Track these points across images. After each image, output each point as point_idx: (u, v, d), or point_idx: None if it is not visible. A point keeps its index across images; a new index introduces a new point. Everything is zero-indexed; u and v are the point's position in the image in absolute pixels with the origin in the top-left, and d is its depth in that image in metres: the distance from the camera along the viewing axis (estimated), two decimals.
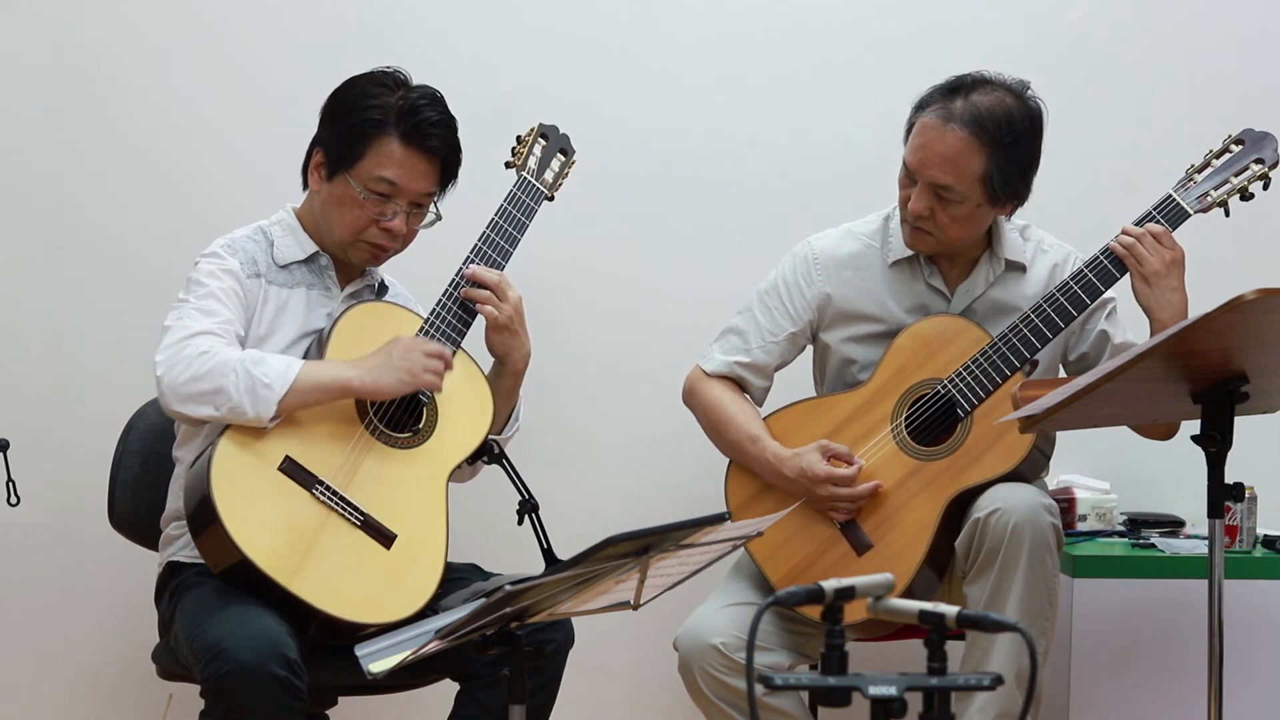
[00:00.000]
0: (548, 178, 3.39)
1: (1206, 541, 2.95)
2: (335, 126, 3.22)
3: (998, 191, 3.33)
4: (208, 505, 2.97)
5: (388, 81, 3.23)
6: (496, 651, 2.60)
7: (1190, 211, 3.34)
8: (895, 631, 3.40)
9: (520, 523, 3.09)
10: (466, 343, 3.24)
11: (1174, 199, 3.35)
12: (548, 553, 3.05)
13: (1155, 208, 3.35)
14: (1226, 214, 3.37)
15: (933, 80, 3.40)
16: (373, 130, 3.18)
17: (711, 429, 3.54)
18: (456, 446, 3.18)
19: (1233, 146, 3.39)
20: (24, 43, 3.97)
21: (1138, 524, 3.86)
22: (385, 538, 3.08)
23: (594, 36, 4.07)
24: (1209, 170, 3.38)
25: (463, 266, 3.25)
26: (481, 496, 3.38)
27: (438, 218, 3.28)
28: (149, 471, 3.40)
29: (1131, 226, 3.33)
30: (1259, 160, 3.37)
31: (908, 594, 3.26)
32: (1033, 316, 3.34)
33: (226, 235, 3.26)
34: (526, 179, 3.34)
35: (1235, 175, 3.37)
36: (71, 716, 3.99)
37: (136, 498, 3.42)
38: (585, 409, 4.06)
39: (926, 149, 3.32)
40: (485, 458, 3.21)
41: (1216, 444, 2.85)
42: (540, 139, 3.40)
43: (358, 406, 3.14)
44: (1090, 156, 4.05)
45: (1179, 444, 3.19)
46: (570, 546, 2.58)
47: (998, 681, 1.96)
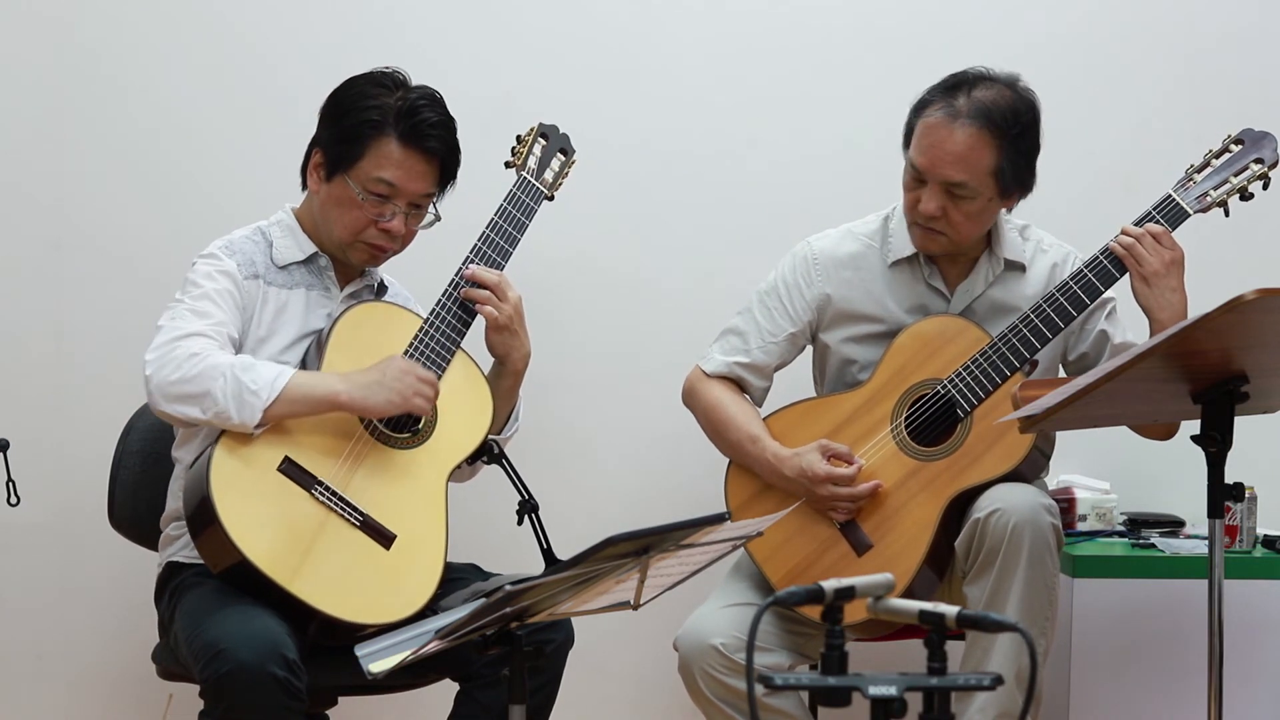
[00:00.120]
0: (547, 177, 3.38)
1: (1206, 541, 2.95)
2: (334, 127, 3.22)
3: (1008, 183, 3.35)
4: (207, 506, 2.97)
5: (387, 82, 3.22)
6: (496, 651, 2.60)
7: (1190, 211, 3.34)
8: (895, 631, 3.40)
9: (520, 523, 3.08)
10: (466, 343, 3.24)
11: (1173, 199, 3.35)
12: (547, 553, 3.04)
13: (1155, 207, 3.35)
14: (1226, 214, 3.37)
15: (933, 80, 3.40)
16: (371, 131, 3.18)
17: (711, 429, 3.54)
18: (456, 447, 3.18)
19: (1232, 146, 3.39)
20: (24, 43, 3.97)
21: (1138, 524, 3.86)
22: (385, 538, 3.08)
23: (594, 36, 4.07)
24: (1208, 170, 3.37)
25: (462, 266, 3.25)
26: (481, 496, 3.38)
27: (436, 218, 3.28)
28: (149, 471, 3.40)
29: (1131, 226, 3.33)
30: (1259, 160, 3.37)
31: (908, 594, 3.26)
32: (1032, 317, 3.33)
33: (225, 236, 3.26)
34: (526, 179, 3.34)
35: (1235, 175, 3.37)
36: (71, 716, 3.99)
37: (136, 498, 3.42)
38: (585, 409, 4.06)
39: (937, 148, 3.32)
40: (485, 458, 3.21)
41: (1216, 444, 2.85)
42: (540, 139, 3.40)
43: None
44: (1090, 156, 4.05)
45: (1179, 444, 3.19)
46: (570, 546, 2.58)
47: (998, 681, 1.96)
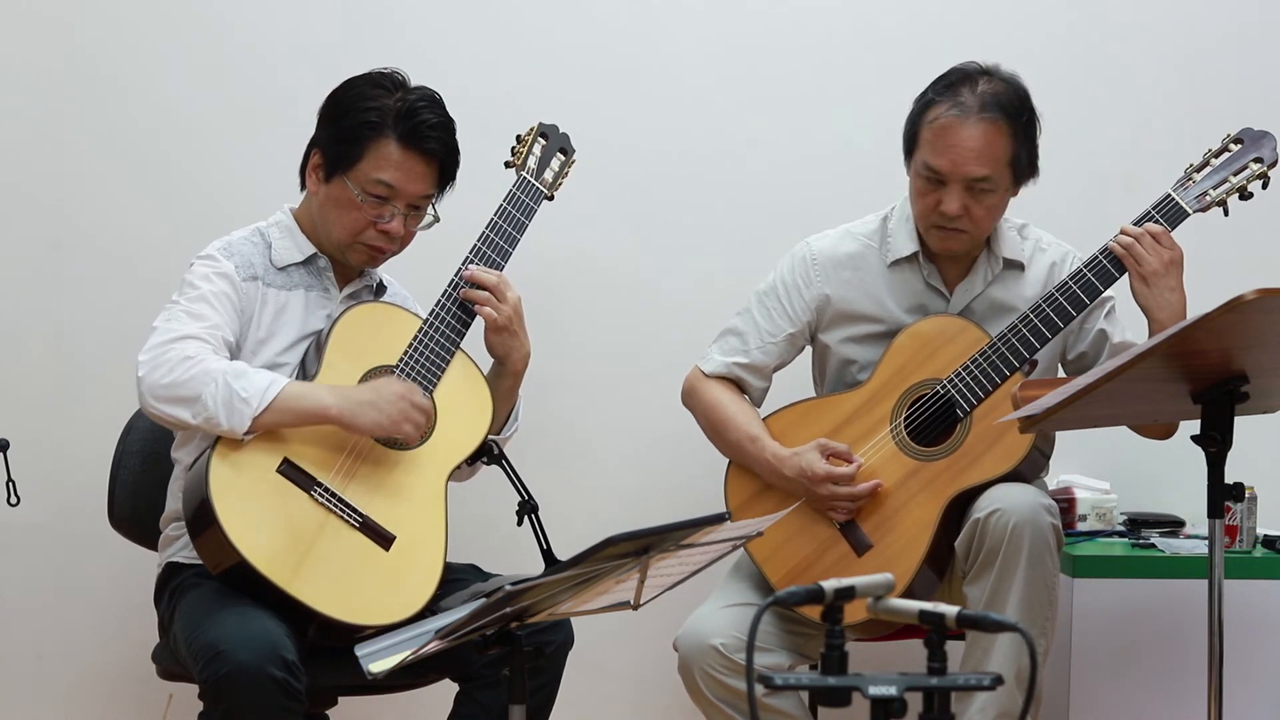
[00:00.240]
0: (547, 177, 3.38)
1: (1206, 541, 2.95)
2: (333, 128, 3.22)
3: (1021, 171, 3.38)
4: (206, 508, 2.96)
5: (386, 83, 3.22)
6: (496, 652, 2.60)
7: (1189, 211, 3.34)
8: (895, 631, 3.40)
9: (520, 523, 3.08)
10: (466, 343, 3.24)
11: (1173, 198, 3.35)
12: (547, 553, 3.04)
13: (1154, 207, 3.35)
14: (1225, 213, 3.37)
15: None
16: (370, 133, 3.17)
17: (711, 429, 3.53)
18: (455, 447, 3.18)
19: (1231, 145, 3.39)
20: (24, 43, 3.97)
21: (1138, 524, 3.86)
22: (384, 539, 3.08)
23: (594, 36, 4.07)
24: (1208, 169, 3.37)
25: (462, 267, 3.24)
26: (481, 497, 3.38)
27: (436, 220, 3.28)
28: (149, 471, 3.40)
29: (1130, 226, 3.33)
30: (1258, 159, 3.37)
31: (908, 594, 3.26)
32: (1032, 316, 3.33)
33: (223, 238, 3.25)
34: (526, 179, 3.34)
35: (1234, 174, 3.37)
36: (71, 716, 3.99)
37: (136, 498, 3.42)
38: (585, 409, 4.06)
39: (958, 147, 3.31)
40: (485, 458, 3.20)
41: (1216, 444, 2.85)
42: (540, 138, 3.40)
43: None
44: (1090, 156, 4.05)
45: (1179, 444, 3.19)
46: (570, 547, 2.58)
47: (998, 681, 1.96)
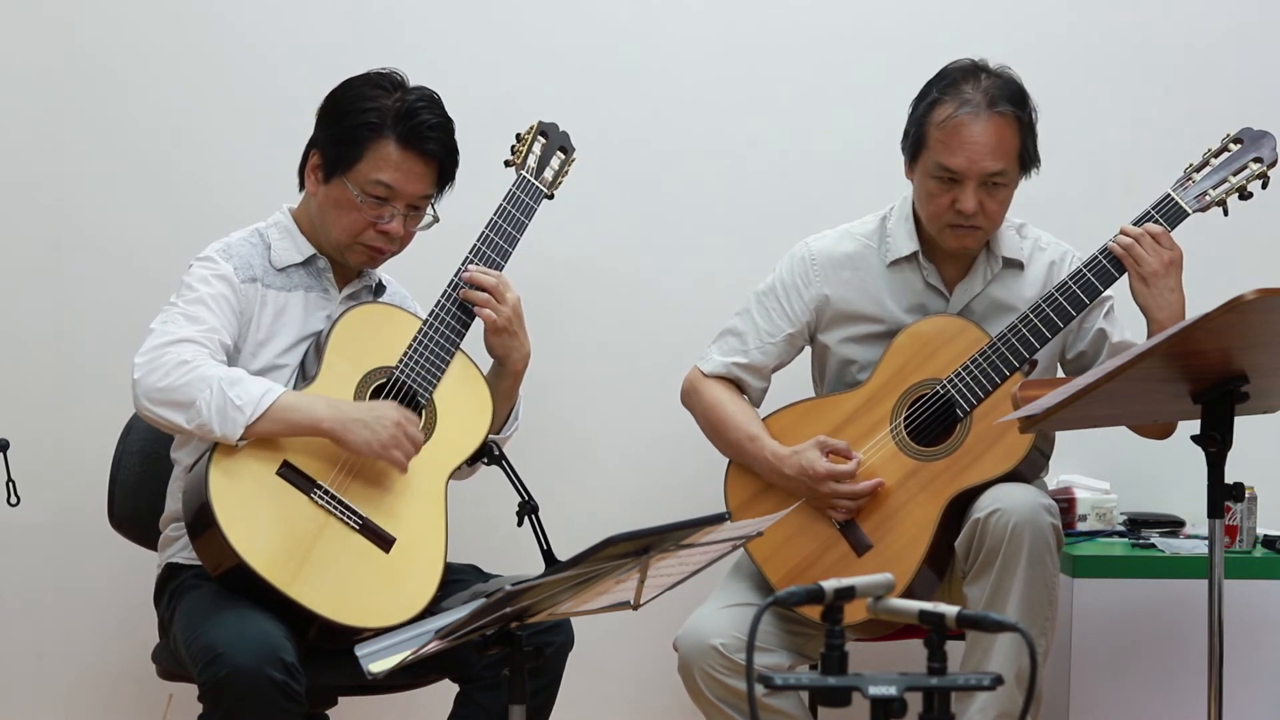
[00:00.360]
0: (547, 176, 3.38)
1: (1206, 541, 2.95)
2: (332, 129, 3.21)
3: (1028, 163, 3.39)
4: (206, 510, 2.96)
5: (384, 83, 3.21)
6: (496, 652, 2.60)
7: (1189, 210, 3.34)
8: (895, 631, 3.40)
9: (520, 524, 3.08)
10: (466, 343, 3.24)
11: (1172, 198, 3.35)
12: (547, 554, 3.04)
13: (1154, 207, 3.35)
14: (1225, 213, 3.37)
15: None
16: (369, 133, 3.17)
17: (710, 429, 3.53)
18: (455, 448, 3.17)
19: (1231, 145, 3.39)
20: (24, 43, 3.97)
21: (1138, 524, 3.86)
22: (384, 541, 3.08)
23: (594, 36, 4.07)
24: (1207, 169, 3.37)
25: (462, 267, 3.24)
26: (481, 497, 3.38)
27: (435, 220, 3.27)
28: (149, 471, 3.40)
29: (1130, 226, 3.32)
30: (1257, 159, 3.36)
31: (908, 594, 3.26)
32: (1031, 316, 3.33)
33: (222, 239, 3.24)
34: (526, 178, 3.33)
35: (1234, 174, 3.36)
36: (71, 716, 3.99)
37: (136, 498, 3.41)
38: (585, 409, 4.06)
39: (973, 144, 3.31)
40: (485, 459, 3.20)
41: (1216, 444, 2.85)
42: (540, 137, 3.39)
43: None
44: (1090, 156, 4.05)
45: (1179, 444, 3.19)
46: (570, 547, 2.58)
47: (998, 681, 1.96)
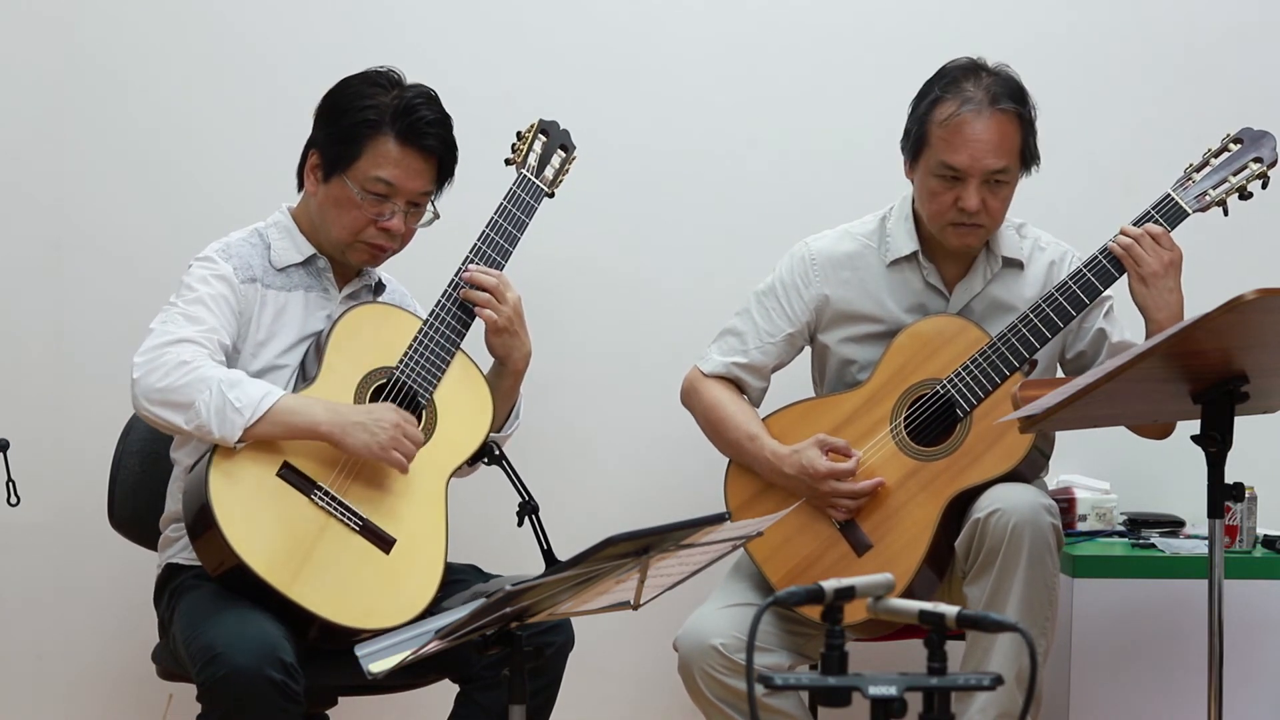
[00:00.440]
0: (548, 175, 3.38)
1: (1206, 541, 2.95)
2: (330, 128, 3.21)
3: (1028, 160, 3.39)
4: (206, 512, 2.96)
5: (382, 81, 3.22)
6: (496, 652, 2.59)
7: (1189, 210, 3.34)
8: (895, 631, 3.40)
9: (520, 524, 3.08)
10: (467, 343, 3.24)
11: (1172, 198, 3.35)
12: (548, 554, 3.04)
13: (1154, 207, 3.35)
14: (1225, 213, 3.37)
15: None
16: (368, 131, 3.17)
17: (710, 429, 3.53)
18: (456, 449, 3.17)
19: (1231, 145, 3.39)
20: (24, 43, 3.97)
21: (1138, 524, 3.86)
22: (384, 542, 3.07)
23: (594, 36, 4.07)
24: (1208, 169, 3.37)
25: (463, 266, 3.24)
26: (481, 498, 3.38)
27: (436, 216, 3.27)
28: (149, 471, 3.40)
29: (1130, 227, 3.32)
30: (1258, 159, 3.36)
31: (908, 594, 3.26)
32: (1031, 316, 3.33)
33: (221, 239, 3.24)
34: (526, 177, 3.33)
35: (1234, 174, 3.36)
36: (71, 716, 3.99)
37: (136, 498, 3.41)
38: (585, 409, 4.06)
39: (976, 142, 3.31)
40: (485, 459, 3.20)
41: (1216, 444, 2.85)
42: (540, 135, 3.39)
43: None
44: (1090, 156, 4.05)
45: (1179, 444, 3.19)
46: (570, 547, 2.58)
47: (998, 681, 1.96)
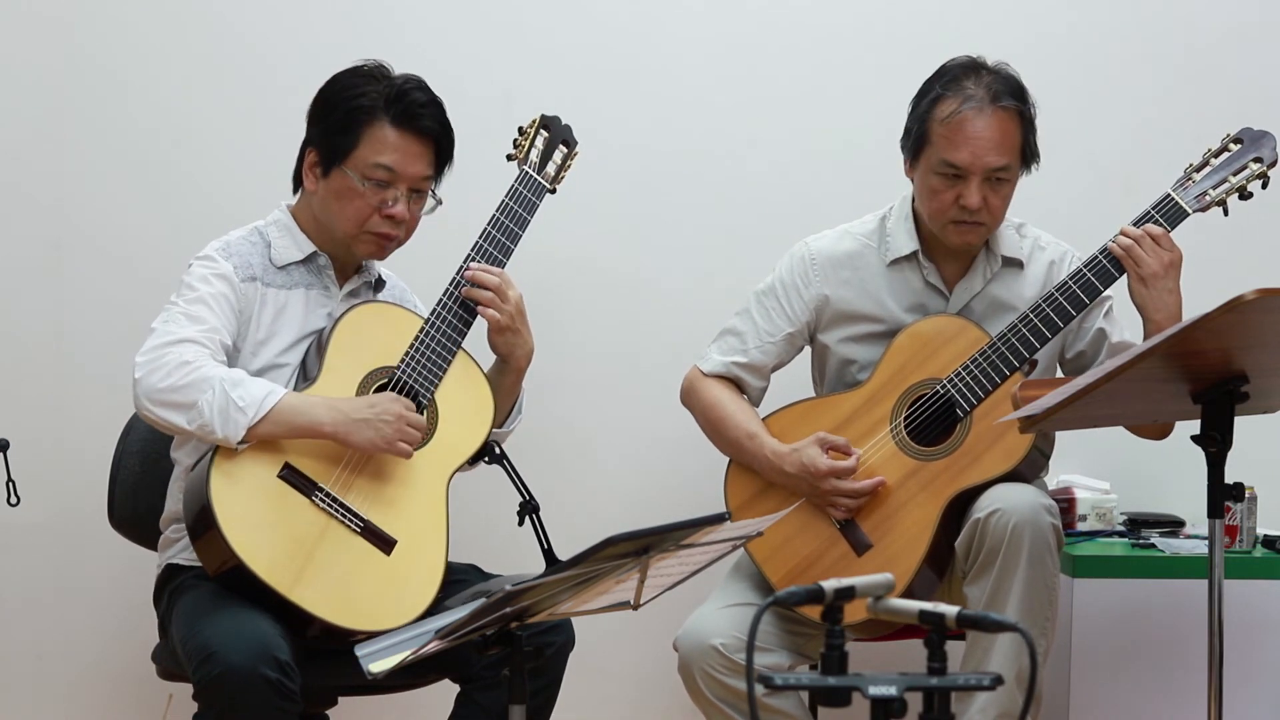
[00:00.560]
0: (550, 170, 3.37)
1: (1206, 541, 2.95)
2: (325, 121, 3.21)
3: (1029, 157, 3.39)
4: (207, 514, 2.95)
5: (371, 73, 3.22)
6: (496, 652, 2.59)
7: (1189, 210, 3.34)
8: (895, 631, 3.40)
9: (521, 523, 3.08)
10: (468, 341, 3.23)
11: (1172, 198, 3.35)
12: (548, 553, 3.04)
13: (1154, 207, 3.35)
14: (1225, 213, 3.37)
15: None
16: (364, 118, 3.17)
17: (710, 428, 3.54)
18: (456, 449, 3.17)
19: (1231, 145, 3.39)
20: (24, 43, 3.97)
21: (1138, 524, 3.86)
22: (385, 543, 3.07)
23: (594, 36, 4.07)
24: (1208, 169, 3.37)
25: (464, 264, 3.24)
26: (481, 497, 3.38)
27: (438, 203, 3.27)
28: (149, 471, 3.40)
29: (1130, 227, 3.32)
30: (1258, 159, 3.37)
31: (908, 594, 3.26)
32: (1032, 316, 3.33)
33: (221, 238, 3.24)
34: (528, 173, 3.33)
35: (1234, 174, 3.36)
36: (71, 716, 3.99)
37: (136, 498, 3.41)
38: (585, 409, 4.06)
39: (978, 139, 3.31)
40: (486, 458, 3.20)
41: (1216, 444, 2.85)
42: (542, 130, 3.39)
43: None
44: (1090, 156, 4.05)
45: (1179, 444, 3.19)
46: (570, 546, 2.58)
47: (998, 681, 1.96)
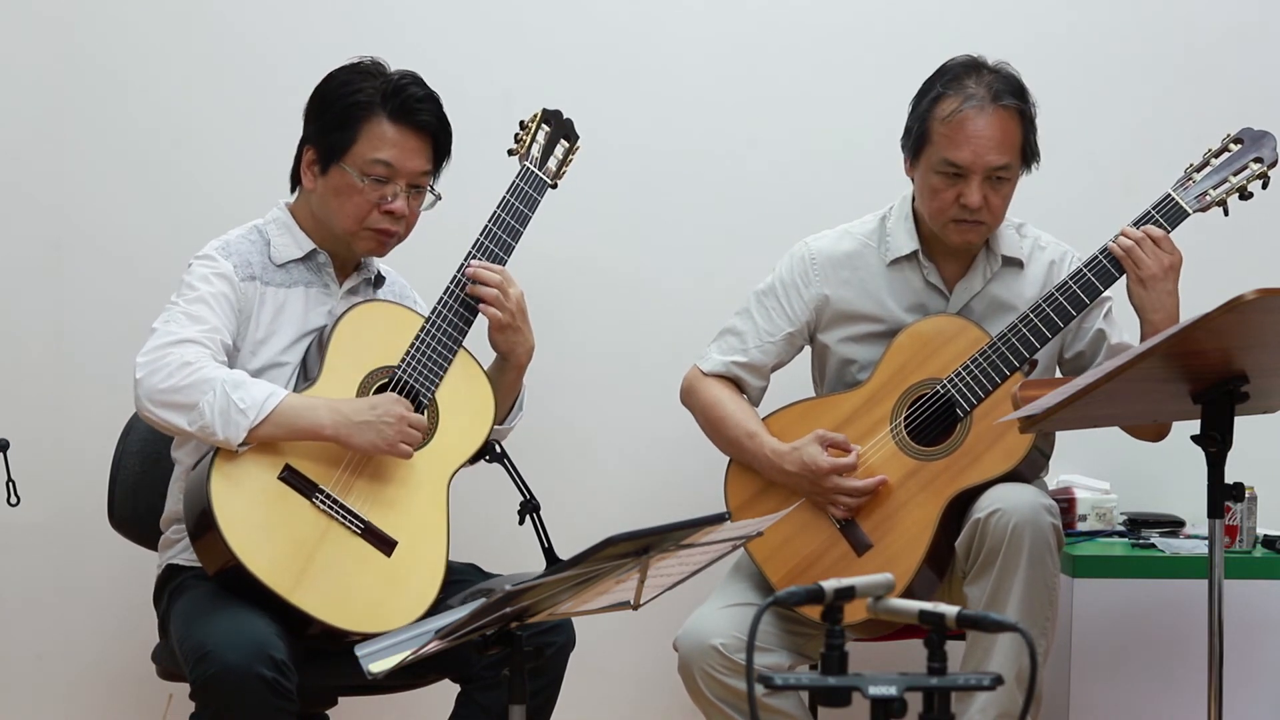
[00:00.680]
0: (551, 166, 3.37)
1: (1206, 541, 2.95)
2: (322, 119, 3.21)
3: (1029, 156, 3.39)
4: (207, 516, 2.95)
5: (367, 69, 3.22)
6: (497, 652, 2.59)
7: (1189, 210, 3.34)
8: (895, 631, 3.40)
9: (521, 523, 3.08)
10: (468, 338, 3.23)
11: (1173, 198, 3.35)
12: (549, 552, 3.04)
13: (1154, 207, 3.35)
14: (1225, 213, 3.37)
15: None
16: (361, 113, 3.17)
17: (709, 427, 3.54)
18: (457, 449, 3.17)
19: (1231, 145, 3.39)
20: (24, 43, 3.97)
21: (1138, 524, 3.86)
22: (386, 544, 3.07)
23: (594, 36, 4.07)
24: (1208, 169, 3.37)
25: (465, 261, 3.24)
26: (481, 496, 3.38)
27: (437, 198, 3.26)
28: (149, 471, 3.40)
29: (1131, 229, 3.32)
30: (1258, 159, 3.37)
31: (908, 594, 3.26)
32: (1032, 316, 3.33)
33: (221, 237, 3.24)
34: (529, 169, 3.32)
35: (1234, 174, 3.36)
36: (71, 716, 3.99)
37: (136, 498, 3.41)
38: (585, 409, 4.06)
39: (978, 138, 3.31)
40: (486, 456, 3.20)
41: (1216, 444, 2.85)
42: (544, 125, 3.38)
43: None
44: (1090, 156, 4.05)
45: (1179, 444, 3.18)
46: (570, 546, 2.58)
47: (998, 681, 1.96)
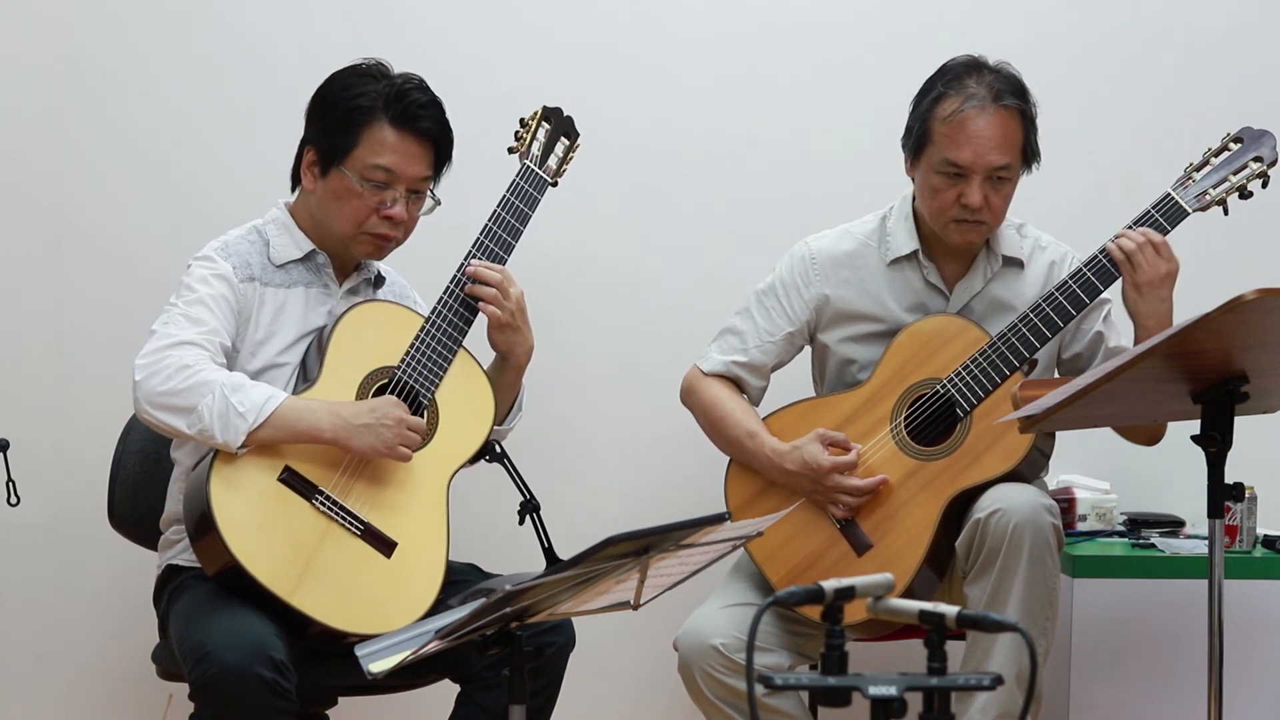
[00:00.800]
0: (551, 164, 3.36)
1: (1206, 541, 2.95)
2: (324, 121, 3.21)
3: (1030, 156, 3.39)
4: (207, 518, 2.95)
5: (370, 72, 3.22)
6: (497, 652, 2.59)
7: (1189, 210, 3.34)
8: (895, 631, 3.40)
9: (521, 523, 3.08)
10: (467, 339, 3.23)
11: (1172, 197, 3.35)
12: (549, 552, 3.04)
13: (1154, 206, 3.35)
14: (1225, 212, 3.37)
15: None
16: (362, 118, 3.17)
17: (709, 427, 3.54)
18: (457, 449, 3.17)
19: (1231, 145, 3.39)
20: (24, 43, 3.97)
21: (1138, 524, 3.86)
22: (386, 546, 3.07)
23: (594, 36, 4.07)
24: (1208, 169, 3.37)
25: (465, 261, 3.24)
26: (481, 497, 3.38)
27: (437, 203, 3.26)
28: (149, 471, 3.40)
29: (1132, 232, 3.31)
30: (1258, 158, 3.37)
31: (908, 594, 3.26)
32: (1032, 316, 3.33)
33: (220, 237, 3.24)
34: (529, 167, 3.32)
35: (1234, 173, 3.37)
36: (71, 716, 3.99)
37: (136, 498, 3.41)
38: (585, 409, 4.06)
39: (979, 138, 3.31)
40: (486, 456, 3.20)
41: (1216, 444, 2.85)
42: (544, 122, 3.38)
43: None
44: (1090, 156, 4.05)
45: (1179, 444, 3.18)
46: (570, 546, 2.58)
47: (998, 681, 1.96)
